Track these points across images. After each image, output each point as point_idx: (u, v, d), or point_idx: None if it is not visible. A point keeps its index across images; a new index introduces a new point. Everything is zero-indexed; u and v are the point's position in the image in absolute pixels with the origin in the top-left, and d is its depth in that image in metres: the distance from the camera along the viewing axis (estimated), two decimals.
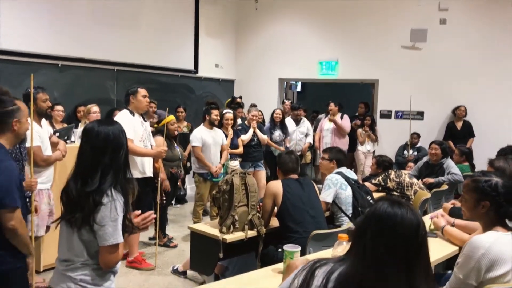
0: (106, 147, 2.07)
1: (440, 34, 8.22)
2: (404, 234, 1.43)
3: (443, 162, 5.62)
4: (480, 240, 2.10)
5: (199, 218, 5.72)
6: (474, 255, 2.06)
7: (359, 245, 1.47)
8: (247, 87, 9.63)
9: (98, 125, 2.12)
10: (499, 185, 2.18)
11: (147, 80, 7.48)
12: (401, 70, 8.56)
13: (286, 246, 2.44)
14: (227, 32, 9.71)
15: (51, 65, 6.25)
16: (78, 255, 2.04)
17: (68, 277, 2.04)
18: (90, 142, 2.08)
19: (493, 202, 2.18)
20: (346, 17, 8.92)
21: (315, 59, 9.18)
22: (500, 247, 2.05)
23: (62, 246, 2.10)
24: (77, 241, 2.03)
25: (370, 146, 8.25)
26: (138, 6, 7.55)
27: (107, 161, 2.05)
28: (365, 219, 1.52)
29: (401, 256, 1.42)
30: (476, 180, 2.26)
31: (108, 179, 2.03)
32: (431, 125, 8.34)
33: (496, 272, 2.03)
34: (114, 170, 2.07)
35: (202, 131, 5.69)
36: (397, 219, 1.44)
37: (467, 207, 2.31)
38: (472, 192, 2.26)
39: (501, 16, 7.90)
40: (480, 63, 8.04)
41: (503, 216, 2.18)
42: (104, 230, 1.98)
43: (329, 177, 4.14)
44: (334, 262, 1.49)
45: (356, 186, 4.17)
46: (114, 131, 2.11)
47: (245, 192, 3.56)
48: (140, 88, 4.64)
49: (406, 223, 1.44)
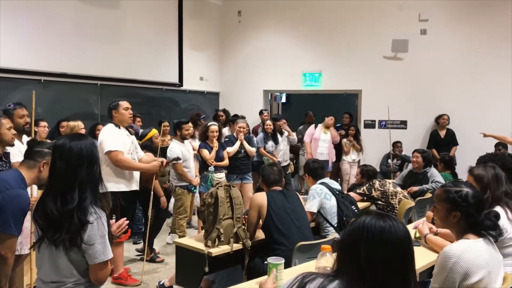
0: (81, 163, 2.04)
1: (421, 44, 8.37)
2: (398, 245, 1.45)
3: (427, 171, 5.68)
4: (451, 249, 2.13)
5: (184, 232, 5.71)
6: (446, 264, 2.09)
7: (352, 262, 1.46)
8: (232, 99, 9.66)
9: (70, 140, 2.08)
10: (469, 195, 2.21)
11: (131, 94, 7.47)
12: (383, 80, 8.68)
13: (270, 259, 2.45)
14: (211, 45, 9.75)
15: (34, 80, 6.21)
16: (68, 276, 2.01)
17: None
18: (64, 159, 2.04)
19: (463, 212, 2.22)
20: (328, 29, 9.03)
21: (298, 70, 9.26)
22: (471, 254, 2.08)
23: (45, 268, 2.06)
24: (65, 262, 2.00)
25: (355, 155, 8.31)
26: (121, 20, 7.57)
27: (83, 176, 2.03)
28: (352, 234, 1.50)
29: (397, 268, 1.43)
30: (447, 191, 2.29)
31: (88, 195, 2.01)
32: (415, 134, 8.45)
33: (472, 279, 2.06)
34: (92, 185, 2.05)
35: (178, 146, 5.71)
36: (389, 231, 1.45)
37: (439, 217, 2.34)
38: (444, 202, 2.29)
39: (480, 26, 8.09)
40: (461, 72, 8.20)
41: (473, 226, 2.21)
42: (94, 249, 1.98)
43: (313, 188, 4.16)
44: (323, 278, 1.48)
45: (340, 196, 4.20)
46: (87, 145, 2.09)
47: (230, 204, 3.56)
48: (121, 101, 4.56)
49: (398, 235, 1.46)
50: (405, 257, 1.45)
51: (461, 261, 2.06)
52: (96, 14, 7.09)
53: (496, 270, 2.19)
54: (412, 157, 5.87)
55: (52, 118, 6.24)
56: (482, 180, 2.90)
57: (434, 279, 2.17)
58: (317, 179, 4.29)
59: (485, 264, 2.09)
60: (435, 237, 3.21)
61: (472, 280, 2.06)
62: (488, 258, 2.13)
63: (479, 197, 2.24)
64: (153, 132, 5.43)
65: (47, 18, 6.41)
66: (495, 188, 2.87)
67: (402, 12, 8.49)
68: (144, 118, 6.90)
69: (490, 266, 2.12)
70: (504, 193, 2.86)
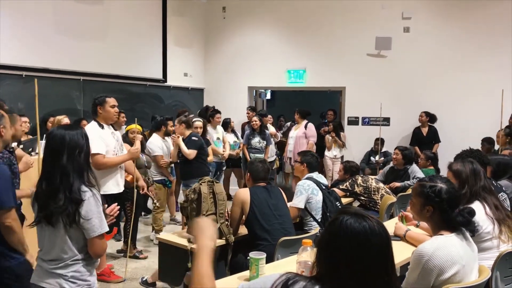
0: (61, 149, 2.18)
1: (404, 42, 8.46)
2: (377, 245, 1.44)
3: (407, 167, 5.77)
4: (423, 247, 2.18)
5: (161, 226, 5.82)
6: (419, 262, 2.14)
7: (332, 265, 1.46)
8: (216, 95, 9.64)
9: (57, 129, 2.27)
10: (443, 191, 2.25)
11: (114, 89, 7.40)
12: (367, 78, 8.75)
13: (252, 253, 2.47)
14: (196, 41, 9.71)
15: (15, 75, 6.12)
16: (67, 253, 2.17)
17: (58, 274, 2.17)
18: (48, 146, 2.23)
19: (436, 207, 2.26)
20: (313, 27, 9.06)
21: (283, 67, 9.28)
22: (444, 251, 2.13)
23: (45, 246, 2.22)
24: (64, 240, 2.16)
25: (337, 151, 8.36)
26: (105, 15, 7.49)
27: (63, 162, 2.17)
28: (330, 236, 1.49)
29: (380, 267, 1.44)
30: (422, 185, 2.34)
31: (74, 178, 2.15)
32: (398, 131, 8.54)
33: (447, 274, 2.11)
34: (77, 172, 2.18)
35: (159, 140, 5.96)
36: (368, 232, 1.44)
37: (414, 210, 2.40)
38: (418, 196, 2.34)
39: (464, 24, 8.21)
40: (444, 70, 8.31)
41: (446, 221, 2.25)
42: (91, 223, 2.14)
43: (300, 183, 4.18)
44: (306, 281, 1.46)
45: (327, 191, 4.23)
46: (71, 134, 2.23)
47: (213, 200, 3.57)
48: (108, 98, 4.34)
49: (377, 234, 1.45)
50: (385, 258, 1.45)
51: (434, 258, 2.11)
52: (80, 9, 7.00)
53: (471, 263, 2.23)
54: (393, 154, 5.97)
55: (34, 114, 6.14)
56: (461, 175, 2.95)
57: (408, 276, 2.22)
58: (311, 171, 4.32)
59: (458, 258, 2.14)
60: (414, 233, 3.26)
61: (446, 275, 2.11)
62: (462, 252, 2.17)
63: (453, 193, 2.28)
64: (130, 126, 5.44)
65: (29, 12, 6.31)
66: (473, 183, 2.92)
67: (385, 10, 8.56)
68: (128, 114, 6.85)
69: (464, 259, 2.16)
70: (482, 188, 2.92)
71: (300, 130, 8.01)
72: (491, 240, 2.84)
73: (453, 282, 2.13)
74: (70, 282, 2.18)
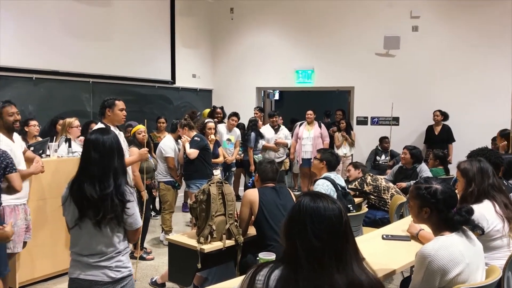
0: (113, 154, 2.39)
1: (413, 41, 8.41)
2: (329, 224, 1.53)
3: (416, 167, 5.73)
4: (425, 248, 2.18)
5: (170, 226, 5.85)
6: (423, 264, 2.14)
7: (290, 244, 1.56)
8: (225, 96, 9.66)
9: (102, 135, 2.42)
10: (438, 191, 2.25)
11: (123, 91, 7.45)
12: (376, 77, 8.71)
13: (261, 254, 2.47)
14: (204, 42, 9.74)
15: (25, 78, 6.18)
16: (110, 247, 2.38)
17: (103, 266, 2.37)
18: (98, 151, 2.36)
19: (433, 208, 2.26)
20: (321, 26, 9.04)
21: (291, 67, 9.27)
22: (445, 251, 2.13)
23: (83, 243, 2.38)
24: (109, 236, 2.36)
25: (347, 150, 8.33)
26: (113, 17, 7.54)
27: (116, 165, 2.38)
28: (290, 216, 1.60)
29: (330, 245, 1.51)
30: (417, 187, 2.34)
31: (121, 180, 2.37)
32: (407, 131, 8.48)
33: (451, 274, 2.11)
34: (123, 171, 2.43)
35: (172, 142, 6.00)
36: (321, 211, 1.55)
37: (413, 213, 2.40)
38: (415, 198, 2.34)
39: (472, 22, 8.12)
40: (454, 68, 8.23)
41: (444, 222, 2.24)
42: (134, 218, 2.41)
43: (320, 183, 4.18)
44: (271, 265, 1.58)
45: (342, 193, 4.22)
46: (115, 139, 2.45)
47: (222, 201, 3.57)
48: (118, 101, 4.38)
49: (329, 213, 1.55)
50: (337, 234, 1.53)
51: (436, 259, 2.11)
52: (88, 11, 7.05)
53: (476, 261, 2.22)
54: (401, 153, 5.94)
55: (44, 116, 6.23)
56: (467, 173, 2.93)
57: (413, 278, 2.23)
58: (330, 170, 4.32)
59: (461, 257, 2.14)
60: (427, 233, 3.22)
61: (451, 275, 2.11)
62: (464, 251, 2.17)
63: (449, 193, 2.27)
64: (138, 127, 5.46)
65: (39, 15, 6.37)
66: (480, 182, 2.90)
67: (393, 9, 8.52)
68: (137, 116, 6.90)
69: (468, 258, 2.16)
70: (491, 186, 2.89)
71: (315, 130, 8.03)
72: (501, 238, 2.81)
73: (458, 282, 2.13)
74: (115, 271, 2.39)
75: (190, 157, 5.68)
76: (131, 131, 5.51)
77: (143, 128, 5.39)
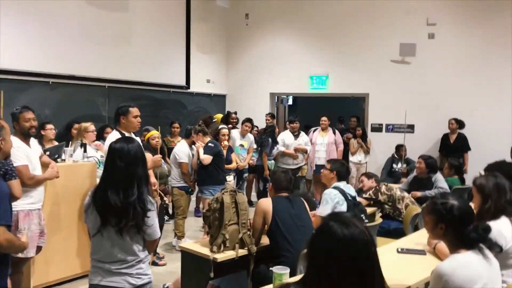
0: (137, 162, 2.43)
1: (429, 48, 8.33)
2: (354, 253, 1.48)
3: (431, 176, 5.65)
4: (441, 266, 2.13)
5: (183, 232, 5.86)
6: (439, 282, 2.09)
7: (313, 268, 1.53)
8: (238, 101, 9.67)
9: (127, 144, 2.47)
10: (455, 208, 2.20)
11: (138, 96, 7.50)
12: (391, 84, 8.64)
13: (274, 268, 2.45)
14: (218, 48, 9.77)
15: (42, 82, 6.25)
16: (131, 255, 2.42)
17: (124, 273, 2.41)
18: (124, 160, 2.40)
19: (449, 224, 2.21)
20: (336, 32, 9.01)
21: (305, 73, 9.25)
22: (463, 270, 2.08)
23: (104, 250, 2.42)
24: (130, 244, 2.40)
25: (362, 157, 8.28)
26: (129, 22, 7.60)
27: (140, 173, 2.42)
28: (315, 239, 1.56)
29: (353, 274, 1.47)
30: (433, 203, 2.29)
31: (144, 188, 2.40)
32: (422, 139, 8.39)
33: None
34: (146, 180, 2.46)
35: (186, 147, 5.97)
36: (348, 239, 1.49)
37: (428, 228, 2.34)
38: (430, 214, 2.28)
39: (488, 30, 8.02)
40: (470, 76, 8.14)
41: (460, 239, 2.20)
42: (154, 228, 2.45)
43: (327, 192, 4.14)
44: (295, 285, 1.55)
45: (352, 202, 4.17)
46: (139, 147, 2.50)
47: (235, 210, 3.56)
48: (132, 108, 4.33)
49: (355, 242, 1.49)
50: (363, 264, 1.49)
51: (453, 278, 2.06)
52: (104, 17, 7.13)
53: (494, 279, 2.17)
54: (416, 163, 5.86)
55: (60, 120, 6.28)
56: (483, 189, 2.87)
57: None
58: (340, 180, 4.28)
59: (478, 276, 2.09)
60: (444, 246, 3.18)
61: None
62: (481, 269, 2.12)
63: (466, 210, 2.22)
64: (152, 132, 5.48)
65: (55, 20, 6.45)
66: (496, 198, 2.83)
67: (410, 16, 8.45)
68: (151, 121, 6.93)
69: (486, 276, 2.11)
70: (508, 203, 2.83)
71: (330, 136, 8.01)
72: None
73: None
74: (136, 278, 2.44)
75: (204, 163, 5.71)
76: (146, 136, 5.53)
77: (156, 134, 5.41)
